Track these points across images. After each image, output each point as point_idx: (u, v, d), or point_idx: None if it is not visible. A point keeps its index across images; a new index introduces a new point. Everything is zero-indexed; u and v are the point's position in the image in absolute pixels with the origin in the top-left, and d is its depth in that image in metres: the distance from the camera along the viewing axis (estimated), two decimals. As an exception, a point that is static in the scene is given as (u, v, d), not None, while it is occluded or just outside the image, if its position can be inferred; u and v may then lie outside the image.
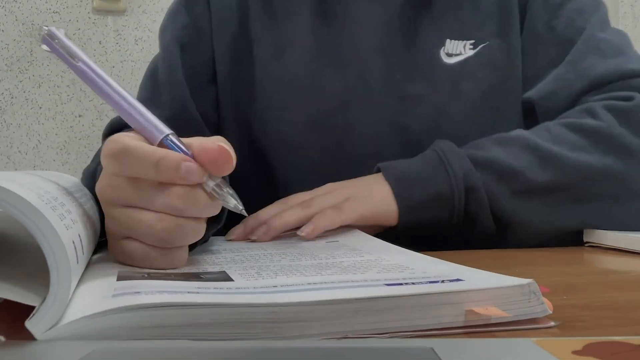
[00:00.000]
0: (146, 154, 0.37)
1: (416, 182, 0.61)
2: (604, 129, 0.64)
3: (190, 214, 0.38)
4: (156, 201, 0.37)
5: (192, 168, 0.37)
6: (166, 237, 0.37)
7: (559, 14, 0.74)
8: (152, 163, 0.36)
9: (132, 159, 0.37)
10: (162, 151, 0.37)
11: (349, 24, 0.74)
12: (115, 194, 0.38)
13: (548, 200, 0.62)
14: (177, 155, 0.37)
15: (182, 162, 0.37)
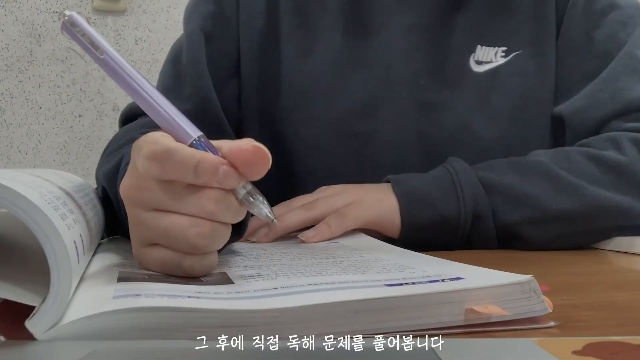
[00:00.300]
0: (187, 157, 0.35)
1: (424, 202, 0.60)
2: (625, 165, 0.61)
3: (222, 218, 0.36)
4: (190, 204, 0.35)
5: (229, 172, 0.35)
6: (200, 242, 0.35)
7: (601, 23, 0.70)
8: (191, 166, 0.34)
9: (174, 161, 0.35)
10: (201, 153, 0.35)
11: (378, 27, 0.72)
12: (145, 196, 0.36)
13: (560, 229, 0.61)
14: (215, 159, 0.35)
15: (220, 166, 0.35)
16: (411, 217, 0.60)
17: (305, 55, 0.73)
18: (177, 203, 0.35)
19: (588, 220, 0.60)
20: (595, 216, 0.60)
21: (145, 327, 0.27)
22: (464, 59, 0.71)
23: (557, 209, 0.59)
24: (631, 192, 0.60)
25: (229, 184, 0.35)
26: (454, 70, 0.71)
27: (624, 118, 0.66)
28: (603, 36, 0.69)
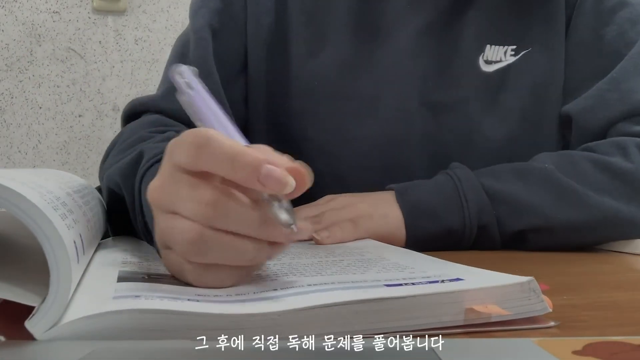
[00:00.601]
0: (226, 146, 0.32)
1: (429, 214, 0.60)
2: (632, 172, 0.60)
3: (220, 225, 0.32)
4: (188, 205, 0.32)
5: (275, 172, 0.31)
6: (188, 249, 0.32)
7: (610, 21, 0.69)
8: (229, 157, 0.31)
9: (212, 148, 0.32)
10: (244, 147, 0.32)
11: (388, 29, 0.71)
12: (163, 197, 0.34)
13: (565, 238, 0.60)
14: (260, 155, 0.32)
15: (264, 163, 0.31)
16: (416, 230, 0.60)
17: (314, 55, 0.72)
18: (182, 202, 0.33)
19: (593, 230, 0.60)
20: (600, 227, 0.60)
21: (144, 328, 0.27)
22: (473, 59, 0.70)
23: (562, 219, 0.59)
24: (637, 201, 0.60)
25: (273, 186, 0.31)
26: (463, 70, 0.70)
27: (632, 120, 0.65)
28: (612, 34, 0.69)
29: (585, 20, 0.70)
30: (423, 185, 0.62)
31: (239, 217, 0.32)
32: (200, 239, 0.32)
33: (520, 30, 0.70)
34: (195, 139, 0.32)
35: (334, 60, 0.72)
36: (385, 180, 0.65)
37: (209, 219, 0.32)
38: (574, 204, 0.59)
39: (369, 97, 0.71)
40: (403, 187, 0.62)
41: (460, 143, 0.70)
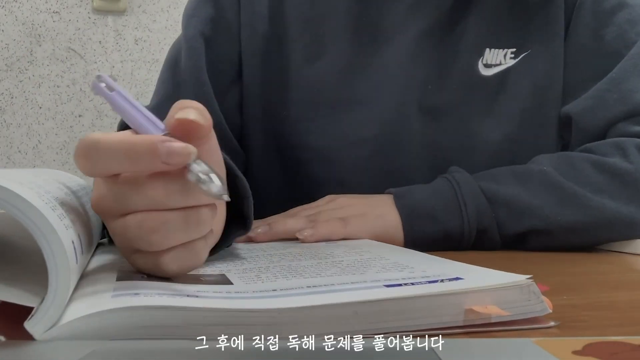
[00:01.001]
0: (114, 143, 0.31)
1: (427, 217, 0.60)
2: (631, 173, 0.60)
3: (174, 204, 0.32)
4: (131, 199, 0.32)
5: (173, 149, 0.30)
6: (153, 237, 0.32)
7: (609, 22, 0.69)
8: (120, 151, 0.31)
9: (101, 152, 0.31)
10: (133, 136, 0.31)
11: (387, 34, 0.71)
12: (104, 205, 0.34)
13: (565, 239, 0.60)
14: (151, 136, 0.31)
15: (159, 143, 0.30)
16: (414, 233, 0.60)
17: (312, 62, 0.72)
18: (125, 199, 0.32)
19: (593, 231, 0.60)
20: (600, 228, 0.60)
21: (144, 326, 0.27)
22: (472, 64, 0.70)
23: (562, 220, 0.59)
24: (637, 201, 0.60)
25: (178, 161, 0.30)
26: (462, 75, 0.70)
27: (632, 121, 0.65)
28: (612, 35, 0.69)
29: (585, 21, 0.70)
30: (422, 189, 0.62)
31: (181, 191, 0.32)
32: (158, 224, 0.32)
33: (519, 33, 0.70)
34: (80, 151, 0.32)
35: (333, 66, 0.71)
36: (384, 184, 0.65)
37: (157, 202, 0.32)
38: (573, 205, 0.59)
39: (368, 102, 0.71)
40: (402, 191, 0.62)
41: (459, 147, 0.70)
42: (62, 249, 0.27)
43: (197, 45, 0.69)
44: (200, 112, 0.33)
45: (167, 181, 0.32)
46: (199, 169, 0.31)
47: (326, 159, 0.72)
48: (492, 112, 0.71)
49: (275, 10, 0.73)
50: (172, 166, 0.31)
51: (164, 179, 0.32)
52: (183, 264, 0.34)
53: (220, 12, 0.72)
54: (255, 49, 0.72)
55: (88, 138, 0.31)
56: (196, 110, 0.33)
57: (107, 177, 0.33)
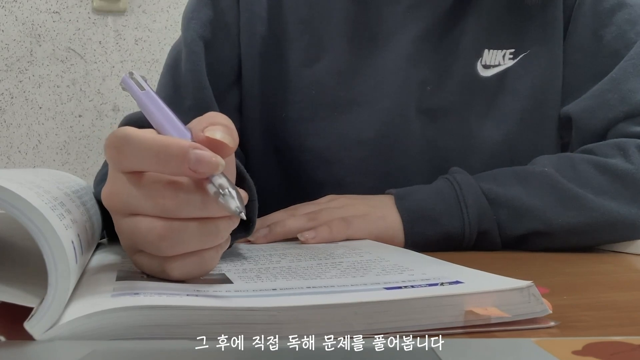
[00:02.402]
0: (148, 141, 0.31)
1: (427, 219, 0.60)
2: (632, 174, 0.60)
3: (186, 213, 0.32)
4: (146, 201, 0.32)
5: (203, 157, 0.30)
6: (160, 244, 0.32)
7: (609, 22, 0.69)
8: (153, 150, 0.31)
9: (133, 146, 0.31)
10: (167, 138, 0.32)
11: (385, 36, 0.71)
12: (118, 201, 0.34)
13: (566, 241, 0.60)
14: (185, 141, 0.31)
15: (190, 149, 0.31)
16: (414, 234, 0.59)
17: (311, 64, 0.72)
18: (138, 201, 0.32)
19: (594, 233, 0.60)
20: (601, 229, 0.59)
21: (143, 325, 0.27)
22: (470, 65, 0.70)
23: (563, 222, 0.59)
24: (638, 202, 0.59)
25: (205, 170, 0.31)
26: (461, 76, 0.70)
27: (632, 121, 0.65)
28: (611, 35, 0.68)
29: (584, 21, 0.70)
30: (422, 190, 0.62)
31: (197, 202, 0.32)
32: (169, 232, 0.32)
33: (518, 34, 0.70)
34: (112, 142, 0.32)
35: (332, 68, 0.71)
36: (384, 185, 0.65)
37: (169, 211, 0.32)
38: (574, 207, 0.59)
39: (367, 103, 0.71)
40: (402, 192, 0.62)
41: (459, 148, 0.70)
42: (61, 249, 0.27)
43: (196, 48, 0.69)
44: (229, 131, 0.33)
45: (181, 191, 0.32)
46: (220, 182, 0.31)
47: (325, 160, 0.72)
48: (492, 112, 0.71)
49: (273, 12, 0.73)
50: (197, 174, 0.31)
51: (178, 188, 0.32)
52: (189, 271, 0.34)
53: (219, 15, 0.72)
54: (254, 50, 0.72)
55: (122, 131, 0.32)
56: (225, 129, 0.33)
57: (129, 174, 0.33)
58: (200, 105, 0.68)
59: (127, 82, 0.36)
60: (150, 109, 0.35)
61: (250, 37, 0.72)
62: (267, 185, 0.73)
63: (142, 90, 0.36)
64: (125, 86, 0.37)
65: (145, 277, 0.35)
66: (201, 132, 0.32)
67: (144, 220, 0.32)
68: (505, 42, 0.70)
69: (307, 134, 0.72)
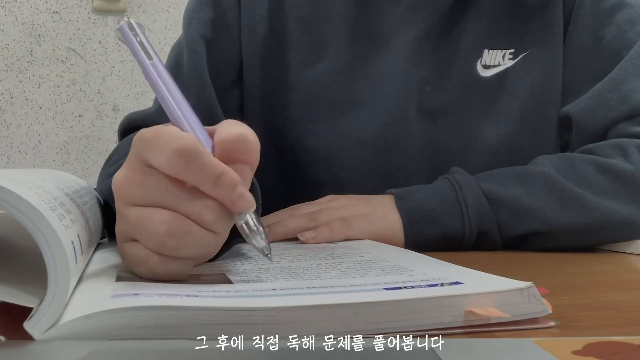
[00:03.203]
0: (214, 164, 0.33)
1: (427, 219, 0.60)
2: (632, 174, 0.60)
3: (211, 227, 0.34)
4: (189, 204, 0.33)
5: (245, 195, 0.34)
6: (168, 241, 0.33)
7: (608, 22, 0.69)
8: (215, 174, 0.33)
9: (201, 164, 0.33)
10: (224, 165, 0.34)
11: (386, 36, 0.71)
12: (137, 192, 0.34)
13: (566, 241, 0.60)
14: (237, 176, 0.34)
15: (239, 185, 0.34)
16: (414, 234, 0.59)
17: (312, 64, 0.72)
18: (174, 200, 0.33)
19: (594, 233, 0.60)
20: (602, 229, 0.59)
21: (143, 326, 0.27)
22: (470, 65, 0.70)
23: (563, 222, 0.59)
24: (638, 203, 0.59)
25: (241, 206, 0.34)
26: (461, 76, 0.70)
27: (632, 121, 0.65)
28: (611, 35, 0.68)
29: (584, 21, 0.70)
30: (422, 190, 0.62)
31: (212, 212, 0.34)
32: (182, 232, 0.33)
33: (518, 34, 0.70)
34: (182, 150, 0.33)
35: (333, 68, 0.71)
36: (384, 185, 0.65)
37: (204, 219, 0.34)
38: (574, 207, 0.59)
39: (367, 104, 0.71)
40: (402, 191, 0.62)
41: (458, 148, 0.70)
42: (61, 249, 0.27)
43: (198, 47, 0.69)
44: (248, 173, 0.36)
45: (221, 208, 0.34)
46: (250, 218, 0.35)
47: (325, 160, 0.72)
48: (491, 113, 0.71)
49: (275, 12, 0.73)
50: (232, 206, 0.34)
51: (219, 205, 0.34)
52: (172, 273, 0.35)
53: (221, 14, 0.72)
54: (255, 50, 0.72)
55: (195, 146, 0.33)
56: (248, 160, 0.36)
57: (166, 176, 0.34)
58: (203, 104, 0.68)
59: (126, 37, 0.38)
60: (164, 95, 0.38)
61: (251, 37, 0.72)
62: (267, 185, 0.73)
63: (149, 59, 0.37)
64: (124, 40, 0.38)
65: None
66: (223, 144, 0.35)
67: (161, 213, 0.33)
68: (505, 42, 0.70)
69: (307, 134, 0.72)
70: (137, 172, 0.35)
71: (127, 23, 0.40)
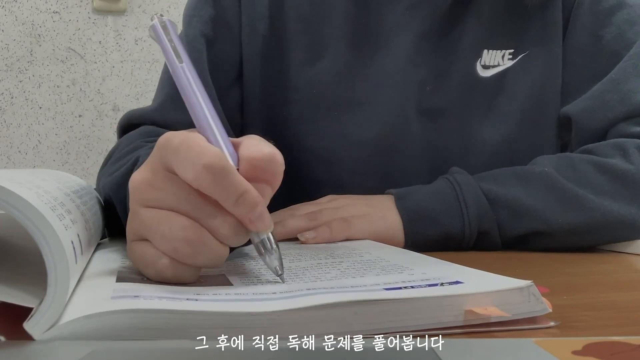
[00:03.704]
0: (239, 182, 0.33)
1: (427, 219, 0.59)
2: (632, 174, 0.60)
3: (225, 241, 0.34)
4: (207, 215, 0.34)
5: (264, 215, 0.34)
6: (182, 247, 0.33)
7: (608, 22, 0.69)
8: (238, 193, 0.33)
9: (228, 182, 0.33)
10: (247, 183, 0.34)
11: (386, 36, 0.71)
12: (155, 195, 0.34)
13: (566, 241, 0.60)
14: (257, 195, 0.34)
15: (259, 205, 0.34)
16: (415, 234, 0.59)
17: (312, 63, 0.72)
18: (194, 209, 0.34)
19: (594, 233, 0.60)
20: (601, 229, 0.59)
21: (143, 328, 0.27)
22: (470, 65, 0.70)
23: (563, 222, 0.59)
24: (638, 203, 0.59)
25: (259, 227, 0.34)
26: (460, 76, 0.70)
27: (632, 121, 0.65)
28: (611, 36, 0.68)
29: (583, 21, 0.70)
30: (422, 190, 0.62)
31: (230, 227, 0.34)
32: (200, 241, 0.33)
33: (517, 34, 0.70)
34: (211, 167, 0.33)
35: (332, 68, 0.71)
36: (384, 185, 0.65)
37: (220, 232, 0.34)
38: (574, 207, 0.59)
39: (367, 103, 0.71)
40: (402, 192, 0.62)
41: (458, 148, 0.70)
42: (61, 249, 0.27)
43: (198, 46, 0.69)
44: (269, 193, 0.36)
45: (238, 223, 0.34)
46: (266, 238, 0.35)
47: (325, 160, 0.72)
48: (491, 113, 0.71)
49: (275, 11, 0.73)
50: (250, 224, 0.34)
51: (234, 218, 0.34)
52: (179, 277, 0.34)
53: (221, 13, 0.72)
54: (256, 49, 0.73)
55: (224, 163, 0.33)
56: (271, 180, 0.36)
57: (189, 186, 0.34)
58: None
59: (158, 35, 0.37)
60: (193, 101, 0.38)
61: (251, 36, 0.72)
62: None
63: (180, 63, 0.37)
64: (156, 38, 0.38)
65: (145, 279, 0.35)
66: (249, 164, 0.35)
67: (179, 219, 0.33)
68: (505, 43, 0.70)
69: (307, 134, 0.72)
70: (159, 177, 0.34)
71: (160, 21, 0.40)
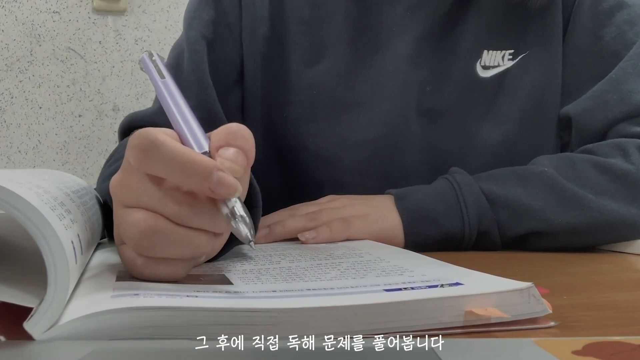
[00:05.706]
0: (177, 152, 0.32)
1: (427, 219, 0.60)
2: (632, 174, 0.60)
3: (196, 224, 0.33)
4: (159, 203, 0.33)
5: (224, 181, 0.32)
6: (141, 241, 0.32)
7: (608, 22, 0.69)
8: (180, 163, 0.32)
9: (161, 154, 0.32)
10: (196, 154, 0.32)
11: (386, 37, 0.71)
12: (125, 194, 0.34)
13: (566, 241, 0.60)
14: (211, 161, 0.32)
15: (214, 170, 0.32)
16: (415, 235, 0.59)
17: (312, 64, 0.72)
18: (150, 199, 0.33)
19: (594, 233, 0.60)
20: (601, 229, 0.59)
21: (143, 326, 0.27)
22: (470, 66, 0.70)
23: (563, 222, 0.59)
24: (638, 203, 0.59)
25: (221, 192, 0.32)
26: (460, 77, 0.70)
27: (632, 121, 0.65)
28: (611, 36, 0.68)
29: (584, 22, 0.70)
30: (422, 190, 0.62)
31: (195, 212, 0.33)
32: (153, 231, 0.32)
33: (517, 34, 0.70)
34: (141, 143, 0.32)
35: (333, 69, 0.71)
36: (384, 186, 0.65)
37: (182, 217, 0.33)
38: (574, 207, 0.59)
39: (368, 104, 0.71)
40: (402, 192, 0.62)
41: (458, 148, 0.70)
42: (61, 249, 0.27)
43: (199, 47, 0.69)
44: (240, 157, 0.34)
45: (197, 202, 0.33)
46: (234, 206, 0.33)
47: (326, 160, 0.72)
48: (491, 113, 0.71)
49: (275, 12, 0.73)
50: (215, 195, 0.32)
51: (195, 199, 0.33)
52: (159, 275, 0.34)
53: (222, 14, 0.72)
54: (256, 50, 0.73)
55: (153, 135, 0.32)
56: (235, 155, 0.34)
57: (150, 175, 0.33)
58: (203, 105, 0.68)
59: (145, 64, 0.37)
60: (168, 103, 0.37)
61: (252, 37, 0.72)
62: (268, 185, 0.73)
63: (162, 78, 0.37)
64: (144, 67, 0.38)
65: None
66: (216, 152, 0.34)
67: (136, 214, 0.33)
68: (505, 43, 0.70)
69: (307, 135, 0.72)
70: (128, 175, 0.34)
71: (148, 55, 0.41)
